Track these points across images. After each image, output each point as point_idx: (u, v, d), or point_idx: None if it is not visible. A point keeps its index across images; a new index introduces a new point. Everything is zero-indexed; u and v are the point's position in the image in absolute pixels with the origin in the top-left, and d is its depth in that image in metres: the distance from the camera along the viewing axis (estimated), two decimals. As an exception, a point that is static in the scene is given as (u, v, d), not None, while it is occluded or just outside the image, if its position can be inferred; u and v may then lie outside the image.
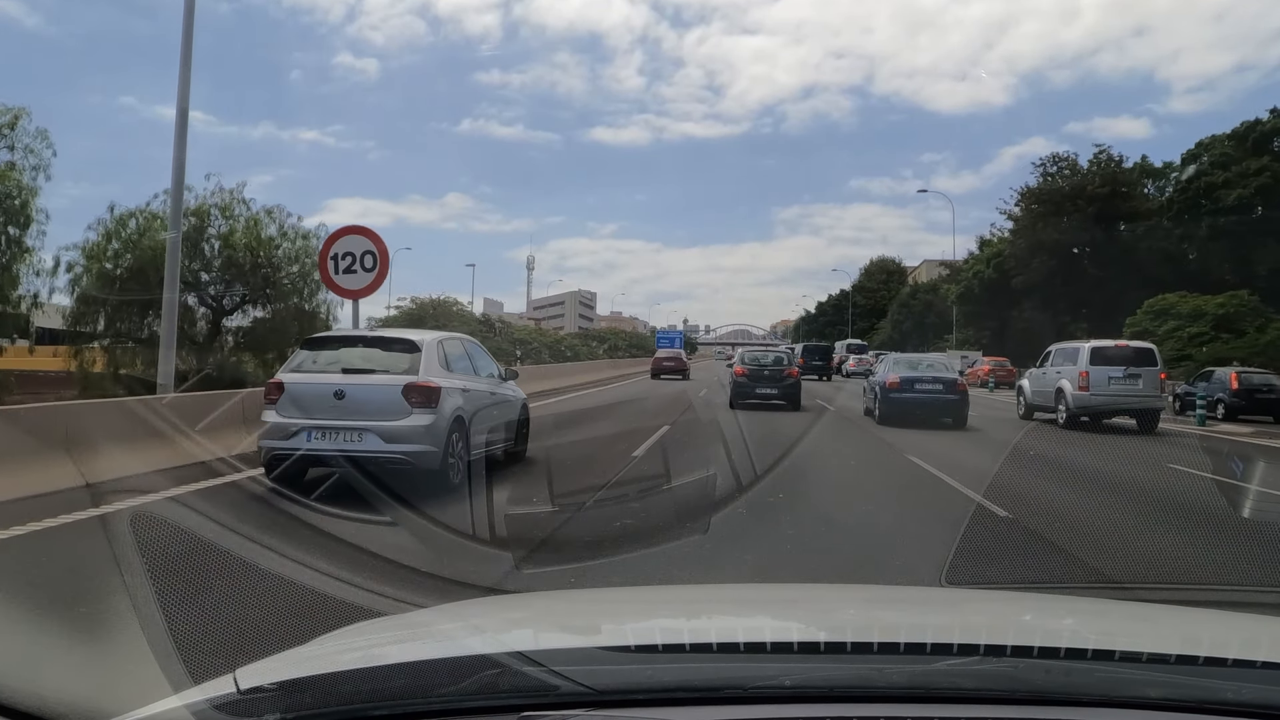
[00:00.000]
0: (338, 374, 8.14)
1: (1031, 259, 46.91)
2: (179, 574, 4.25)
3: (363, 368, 8.25)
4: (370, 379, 8.09)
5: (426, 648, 1.63)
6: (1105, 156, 49.22)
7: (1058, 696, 1.32)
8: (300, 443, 7.79)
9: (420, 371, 8.11)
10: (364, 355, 8.56)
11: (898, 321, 69.72)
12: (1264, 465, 10.72)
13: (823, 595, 2.78)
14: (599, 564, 5.43)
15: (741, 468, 9.55)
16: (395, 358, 8.40)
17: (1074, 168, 49.74)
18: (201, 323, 25.48)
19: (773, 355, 22.58)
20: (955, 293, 55.36)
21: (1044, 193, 49.36)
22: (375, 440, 7.73)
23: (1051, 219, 47.21)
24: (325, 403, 7.87)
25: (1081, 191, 46.87)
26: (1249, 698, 1.32)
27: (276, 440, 7.95)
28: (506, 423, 9.90)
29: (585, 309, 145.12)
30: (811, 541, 6.45)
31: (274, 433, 7.97)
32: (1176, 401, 23.11)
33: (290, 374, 8.30)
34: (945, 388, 17.17)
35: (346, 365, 8.30)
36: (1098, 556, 6.08)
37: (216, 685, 1.35)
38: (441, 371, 8.46)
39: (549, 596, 3.16)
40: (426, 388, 7.98)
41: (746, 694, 1.31)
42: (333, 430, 7.78)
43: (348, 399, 7.86)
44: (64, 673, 2.76)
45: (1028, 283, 47.28)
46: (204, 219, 24.64)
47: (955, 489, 9.25)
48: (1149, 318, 37.03)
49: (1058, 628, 1.90)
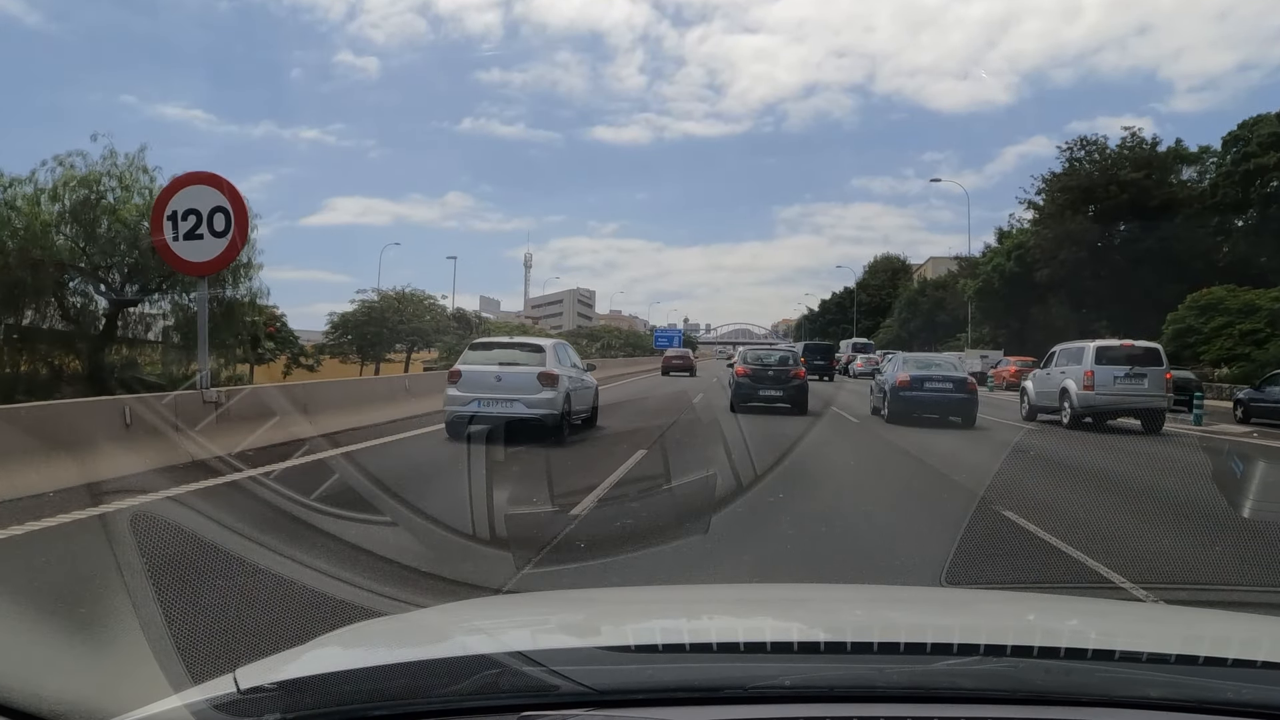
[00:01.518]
0: (496, 365, 12.57)
1: (1058, 250, 43.07)
2: (179, 574, 4.25)
3: (511, 361, 12.71)
4: (517, 368, 12.46)
5: (426, 648, 1.63)
6: (1137, 139, 44.74)
7: (1058, 696, 1.32)
8: (473, 409, 12.11)
9: (546, 364, 12.56)
10: (511, 354, 13.01)
11: (905, 320, 67.66)
12: (1264, 465, 10.71)
13: (823, 595, 2.78)
14: (598, 564, 5.43)
15: (742, 468, 9.55)
16: (530, 355, 12.87)
17: (1103, 152, 45.50)
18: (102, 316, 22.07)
19: (777, 354, 20.86)
20: (973, 288, 51.39)
21: (1071, 179, 45.05)
22: (521, 407, 12.12)
23: (1081, 207, 43.40)
24: (489, 383, 12.26)
25: (1114, 177, 42.85)
26: (1249, 697, 1.32)
27: (457, 407, 12.24)
28: (588, 400, 14.24)
29: (584, 307, 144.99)
30: (811, 541, 6.45)
31: (455, 401, 12.29)
32: (1239, 408, 21.14)
33: (464, 365, 12.74)
34: (955, 386, 17.43)
35: (501, 360, 12.75)
36: (1098, 556, 6.08)
37: (217, 685, 1.35)
38: (557, 364, 12.78)
39: (549, 597, 3.17)
40: (551, 374, 12.38)
41: (747, 694, 1.31)
42: (494, 400, 12.18)
43: (503, 381, 12.28)
44: (64, 673, 2.76)
45: (1053, 276, 43.53)
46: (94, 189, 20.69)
47: (956, 488, 9.26)
48: (1193, 313, 33.74)
49: (1058, 627, 1.90)
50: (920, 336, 61.69)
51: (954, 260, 66.26)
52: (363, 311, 46.75)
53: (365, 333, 46.04)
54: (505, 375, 12.30)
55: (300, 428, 11.10)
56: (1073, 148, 46.49)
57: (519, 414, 12.04)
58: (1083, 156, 46.07)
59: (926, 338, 60.26)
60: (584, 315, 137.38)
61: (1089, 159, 45.85)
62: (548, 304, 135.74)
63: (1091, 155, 45.84)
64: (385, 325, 46.33)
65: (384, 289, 49.17)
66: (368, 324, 46.27)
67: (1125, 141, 44.98)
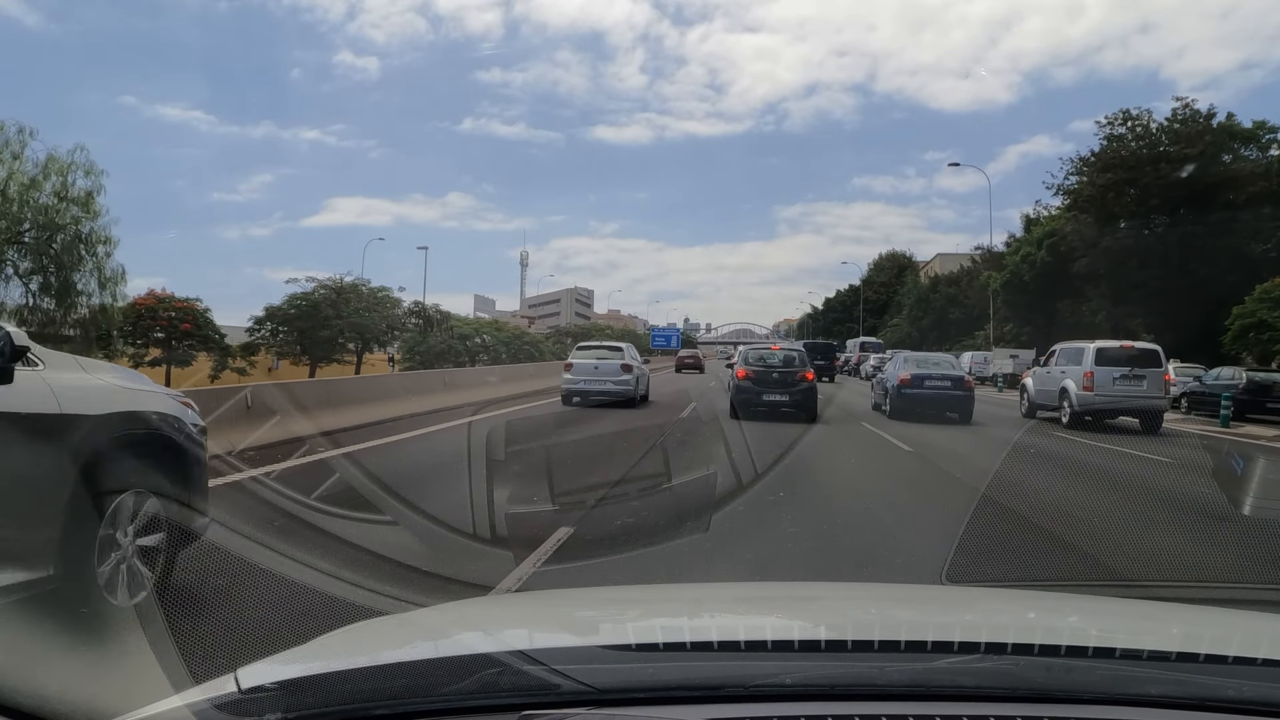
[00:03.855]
0: (594, 359, 20.24)
1: (1100, 237, 38.32)
2: (180, 574, 4.25)
3: (602, 357, 20.33)
4: (607, 361, 20.06)
5: (427, 647, 1.63)
6: (1190, 110, 38.52)
7: (1059, 694, 1.32)
8: (580, 386, 19.69)
9: (625, 359, 20.24)
10: (602, 352, 20.79)
11: (917, 318, 64.36)
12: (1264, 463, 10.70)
13: (823, 593, 2.78)
14: (599, 562, 5.43)
15: (742, 466, 9.55)
16: (614, 353, 20.58)
17: (1148, 127, 39.56)
18: None
19: (781, 354, 18.49)
20: (999, 280, 46.30)
21: (1114, 158, 39.42)
22: (610, 385, 19.57)
23: (1124, 189, 38.19)
24: (590, 371, 19.84)
25: (1163, 154, 37.71)
26: (1250, 695, 1.32)
27: (569, 385, 19.84)
28: (646, 384, 21.74)
29: (582, 306, 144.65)
30: (812, 540, 6.45)
31: (569, 382, 19.92)
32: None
33: (574, 359, 20.42)
34: (953, 384, 18.46)
35: (597, 356, 20.44)
36: (1098, 554, 6.08)
37: (218, 685, 1.35)
38: (631, 359, 20.59)
39: (549, 595, 3.16)
40: (629, 365, 20.07)
41: (748, 692, 1.31)
42: (593, 381, 19.66)
43: (598, 369, 19.81)
44: (65, 673, 2.76)
45: (1093, 266, 38.76)
46: None
47: (956, 486, 9.26)
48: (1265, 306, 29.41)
49: (1059, 625, 1.90)
50: (932, 335, 58.33)
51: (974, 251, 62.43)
52: (291, 304, 38.96)
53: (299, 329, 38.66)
54: (600, 365, 20.02)
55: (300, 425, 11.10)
56: (1113, 123, 40.39)
57: (608, 390, 19.57)
58: (1124, 132, 40.12)
59: (938, 336, 57.07)
60: (582, 315, 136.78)
61: (1132, 135, 39.93)
62: (544, 303, 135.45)
63: (1134, 130, 39.98)
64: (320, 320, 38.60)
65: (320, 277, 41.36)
66: (299, 318, 38.67)
67: (1175, 114, 38.87)
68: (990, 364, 38.63)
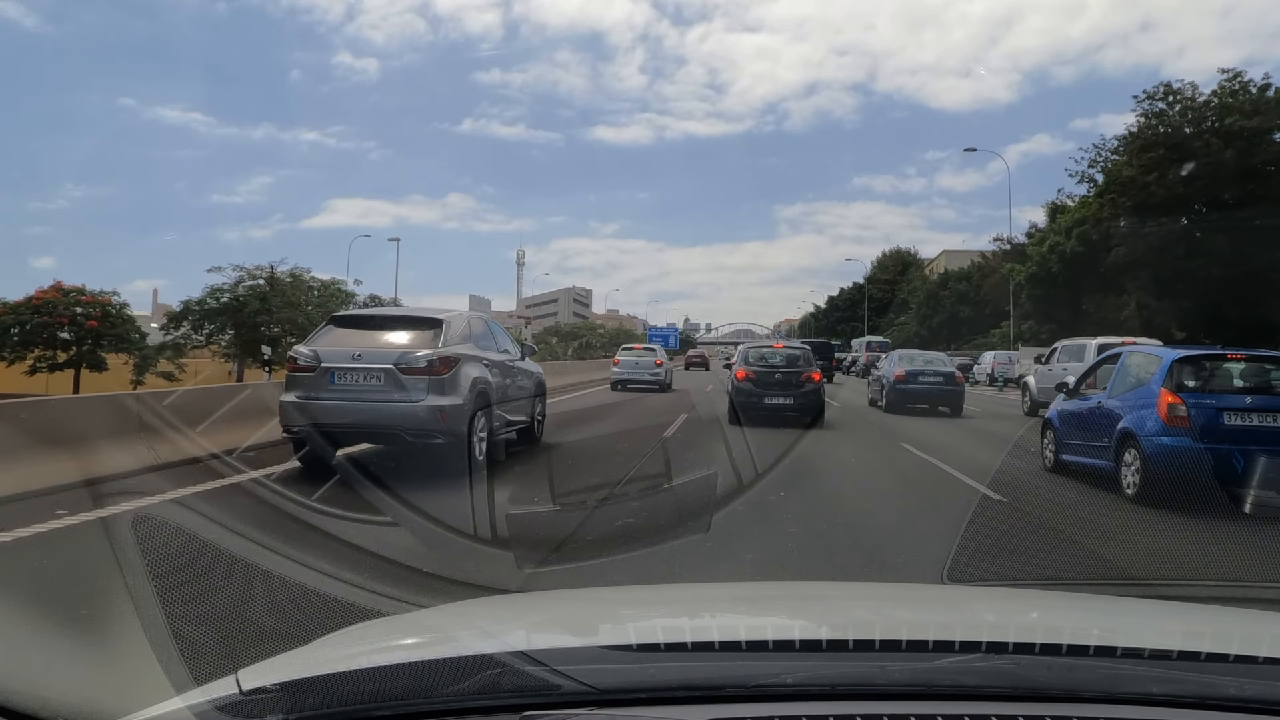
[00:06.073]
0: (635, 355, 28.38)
1: (1142, 224, 34.47)
2: (181, 575, 4.25)
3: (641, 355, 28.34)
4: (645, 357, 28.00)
5: (428, 648, 1.63)
6: (1240, 82, 35.01)
7: (1060, 693, 1.32)
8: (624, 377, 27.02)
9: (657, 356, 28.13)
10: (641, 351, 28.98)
11: (925, 316, 62.18)
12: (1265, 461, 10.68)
13: (824, 593, 2.78)
14: (600, 563, 5.42)
15: (742, 465, 9.54)
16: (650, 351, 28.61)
17: (1193, 101, 36.12)
18: None
19: (784, 353, 16.93)
20: (1025, 273, 42.59)
21: (1156, 135, 35.64)
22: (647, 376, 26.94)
23: (1169, 169, 34.17)
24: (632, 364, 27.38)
25: (1212, 129, 33.98)
26: (1251, 693, 1.32)
27: (616, 376, 27.18)
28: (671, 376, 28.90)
29: (580, 307, 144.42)
30: (813, 539, 6.45)
31: (618, 374, 27.16)
32: None
33: (621, 356, 28.36)
34: (945, 380, 19.82)
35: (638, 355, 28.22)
36: (1099, 552, 6.08)
37: (219, 686, 1.35)
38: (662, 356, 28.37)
39: (550, 596, 3.16)
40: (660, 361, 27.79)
41: (749, 692, 1.31)
42: (635, 372, 27.02)
43: (638, 364, 27.49)
44: (66, 674, 2.76)
45: (1133, 255, 34.75)
46: None
47: (957, 484, 9.25)
48: None
49: (1060, 624, 1.90)
50: (943, 334, 56.15)
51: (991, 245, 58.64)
52: (212, 295, 33.31)
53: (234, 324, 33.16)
54: (639, 360, 27.12)
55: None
56: (1152, 97, 36.78)
57: (646, 379, 26.37)
58: (1164, 108, 36.64)
59: (949, 335, 54.76)
60: (580, 315, 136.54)
61: (1173, 109, 36.57)
62: (542, 303, 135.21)
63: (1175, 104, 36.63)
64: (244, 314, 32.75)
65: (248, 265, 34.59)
66: (220, 313, 33.31)
67: (1223, 86, 35.39)
68: (1016, 365, 33.96)
